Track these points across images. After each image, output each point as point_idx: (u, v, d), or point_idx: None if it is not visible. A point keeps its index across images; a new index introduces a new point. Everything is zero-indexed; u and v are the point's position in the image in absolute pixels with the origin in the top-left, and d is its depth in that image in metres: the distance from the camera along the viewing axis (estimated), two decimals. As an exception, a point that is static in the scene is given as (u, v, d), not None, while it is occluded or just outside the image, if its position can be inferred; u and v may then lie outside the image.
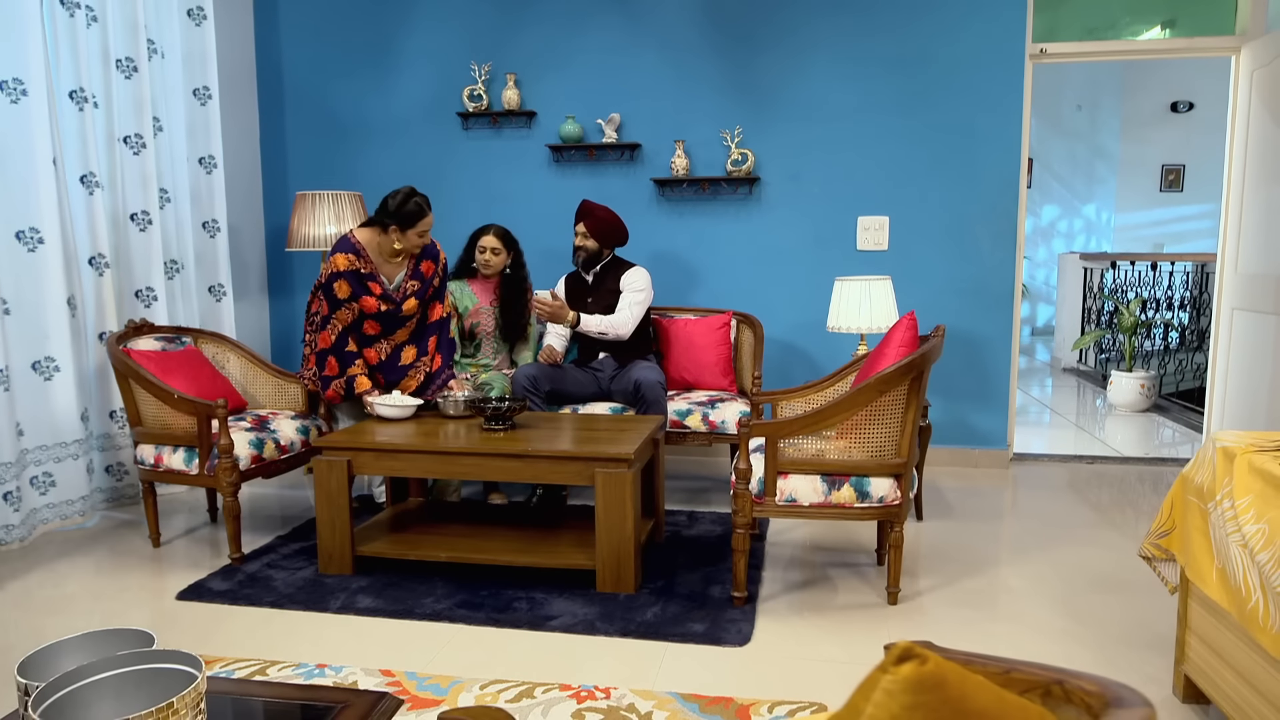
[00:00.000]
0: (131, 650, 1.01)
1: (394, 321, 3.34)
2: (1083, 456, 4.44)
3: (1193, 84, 10.13)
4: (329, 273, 3.20)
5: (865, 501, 2.54)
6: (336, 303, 3.23)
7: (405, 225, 3.15)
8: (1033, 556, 3.07)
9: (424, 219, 3.17)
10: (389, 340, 3.37)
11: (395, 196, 3.14)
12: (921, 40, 4.08)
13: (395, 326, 3.36)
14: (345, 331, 3.27)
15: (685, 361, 3.85)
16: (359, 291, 3.22)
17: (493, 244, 3.73)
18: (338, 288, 3.20)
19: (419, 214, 3.15)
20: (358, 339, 3.32)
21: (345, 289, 3.21)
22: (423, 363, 3.41)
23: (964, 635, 2.44)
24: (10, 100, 3.19)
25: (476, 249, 3.75)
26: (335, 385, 3.29)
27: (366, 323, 3.29)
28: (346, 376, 3.27)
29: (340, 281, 3.20)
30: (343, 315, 3.25)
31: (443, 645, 2.39)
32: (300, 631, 2.49)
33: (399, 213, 3.13)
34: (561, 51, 4.37)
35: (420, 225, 3.17)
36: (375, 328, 3.32)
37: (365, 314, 3.26)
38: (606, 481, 2.65)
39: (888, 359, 2.64)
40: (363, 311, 3.25)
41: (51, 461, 3.36)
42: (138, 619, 2.58)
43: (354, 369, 3.27)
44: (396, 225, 3.15)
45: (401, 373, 3.38)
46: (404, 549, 2.87)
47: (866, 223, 4.21)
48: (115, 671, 0.91)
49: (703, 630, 2.45)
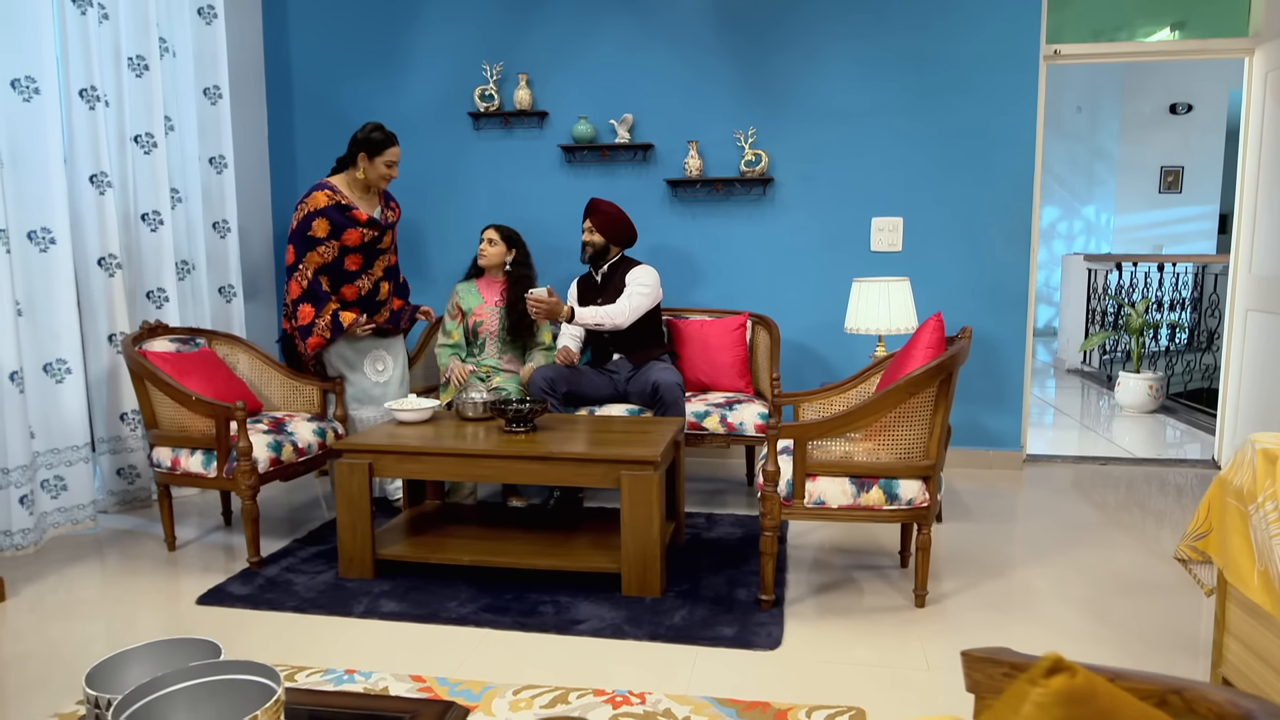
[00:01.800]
0: (202, 660, 0.98)
1: (374, 253, 3.47)
2: (1095, 458, 4.44)
3: (1191, 86, 10.17)
4: (306, 212, 3.31)
5: (894, 504, 2.53)
6: (310, 244, 3.33)
7: (372, 152, 3.30)
8: (1054, 558, 3.06)
9: (390, 147, 3.33)
10: (368, 275, 3.48)
11: (363, 128, 3.33)
12: (936, 41, 4.07)
13: (374, 259, 3.49)
14: (317, 274, 3.37)
15: (700, 363, 3.83)
16: (341, 224, 3.34)
17: (491, 235, 3.76)
18: (316, 226, 3.32)
19: (385, 142, 3.31)
20: (334, 279, 3.41)
21: (324, 227, 3.33)
22: (392, 300, 3.63)
23: (994, 638, 2.43)
24: (23, 99, 3.15)
25: (481, 240, 3.83)
26: (318, 328, 3.36)
27: (348, 258, 3.40)
28: (331, 313, 3.36)
29: (320, 220, 3.31)
30: (313, 258, 3.35)
31: (470, 650, 2.37)
32: (325, 636, 2.46)
33: (366, 140, 3.30)
34: (573, 51, 4.34)
35: (386, 154, 3.32)
36: (357, 261, 3.43)
37: (347, 249, 3.38)
38: (632, 484, 2.63)
39: (915, 360, 2.62)
40: (344, 247, 3.37)
41: (63, 465, 3.32)
42: (158, 624, 2.55)
43: (333, 304, 3.38)
44: (365, 153, 3.31)
45: (378, 307, 3.55)
46: (426, 552, 2.84)
47: (881, 224, 4.20)
48: (192, 682, 0.89)
49: (732, 634, 2.43)
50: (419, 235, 4.58)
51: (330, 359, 3.48)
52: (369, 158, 3.32)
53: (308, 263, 3.36)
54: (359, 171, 3.35)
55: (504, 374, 3.75)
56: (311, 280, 3.37)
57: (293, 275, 3.38)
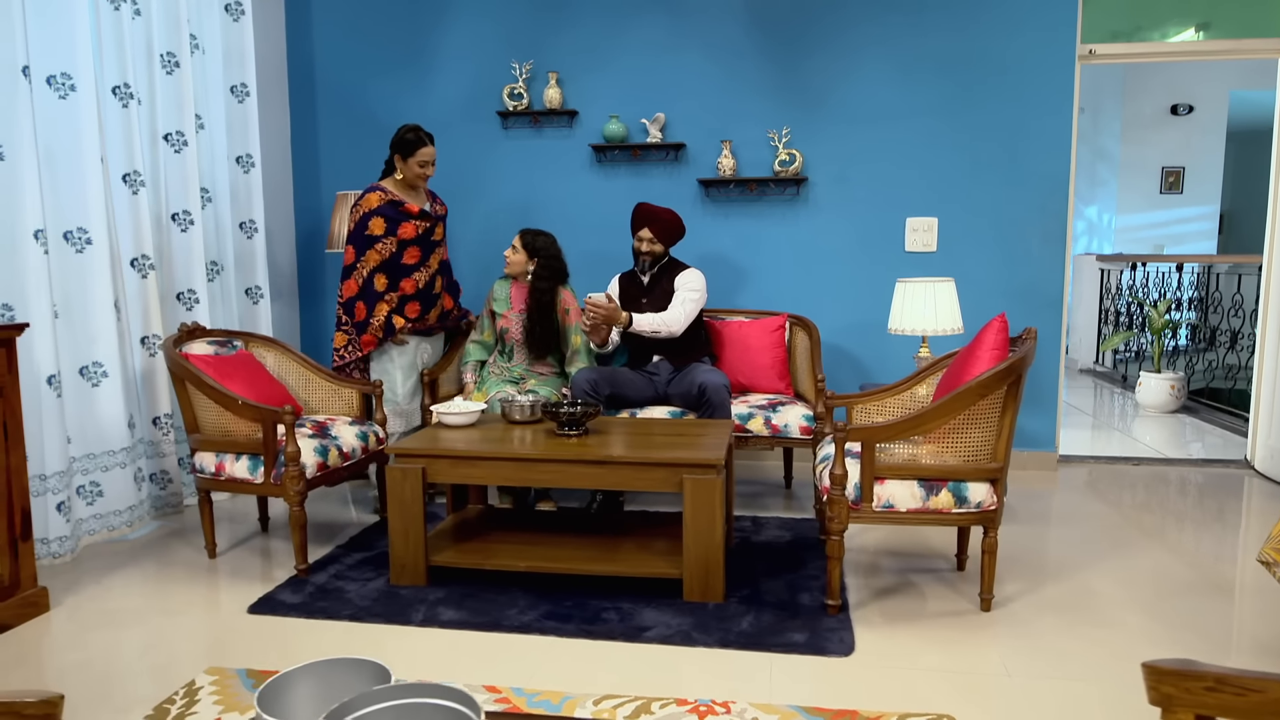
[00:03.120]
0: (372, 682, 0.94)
1: (429, 245, 3.55)
2: (1128, 458, 4.44)
3: (1192, 87, 10.23)
4: (362, 214, 3.44)
5: (963, 507, 2.50)
6: (369, 242, 3.44)
7: (406, 153, 3.41)
8: (1108, 560, 3.04)
9: (422, 148, 3.41)
10: (426, 268, 3.55)
11: (399, 131, 3.43)
12: (972, 42, 4.06)
13: (429, 251, 3.56)
14: (375, 272, 3.45)
15: (740, 364, 3.79)
16: (395, 219, 3.45)
17: (514, 242, 3.68)
18: (372, 226, 3.43)
19: (416, 143, 3.40)
20: (394, 274, 3.48)
21: (380, 225, 3.45)
22: (444, 296, 3.70)
23: (1067, 643, 2.40)
24: (59, 95, 3.08)
25: None
26: (372, 326, 3.45)
27: (406, 252, 3.49)
28: (385, 314, 3.45)
29: (375, 219, 3.44)
30: (372, 257, 3.45)
31: (539, 658, 2.32)
32: (386, 645, 2.41)
33: (400, 141, 3.42)
34: (604, 51, 4.30)
35: (419, 154, 3.41)
36: (415, 255, 3.52)
37: (405, 243, 3.47)
38: (695, 488, 2.59)
39: (981, 362, 2.60)
40: (401, 242, 3.46)
41: (99, 470, 3.25)
42: (212, 634, 2.49)
43: (385, 305, 3.46)
44: (400, 154, 3.43)
45: (434, 300, 3.62)
46: (480, 559, 2.79)
47: (915, 224, 4.18)
48: (380, 706, 0.84)
49: (803, 640, 2.39)
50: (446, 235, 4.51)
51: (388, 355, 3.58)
52: (403, 158, 3.46)
53: (366, 261, 3.47)
54: (398, 173, 3.47)
55: (538, 376, 3.70)
56: (366, 279, 3.48)
57: (350, 274, 3.49)
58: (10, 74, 2.82)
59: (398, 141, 3.42)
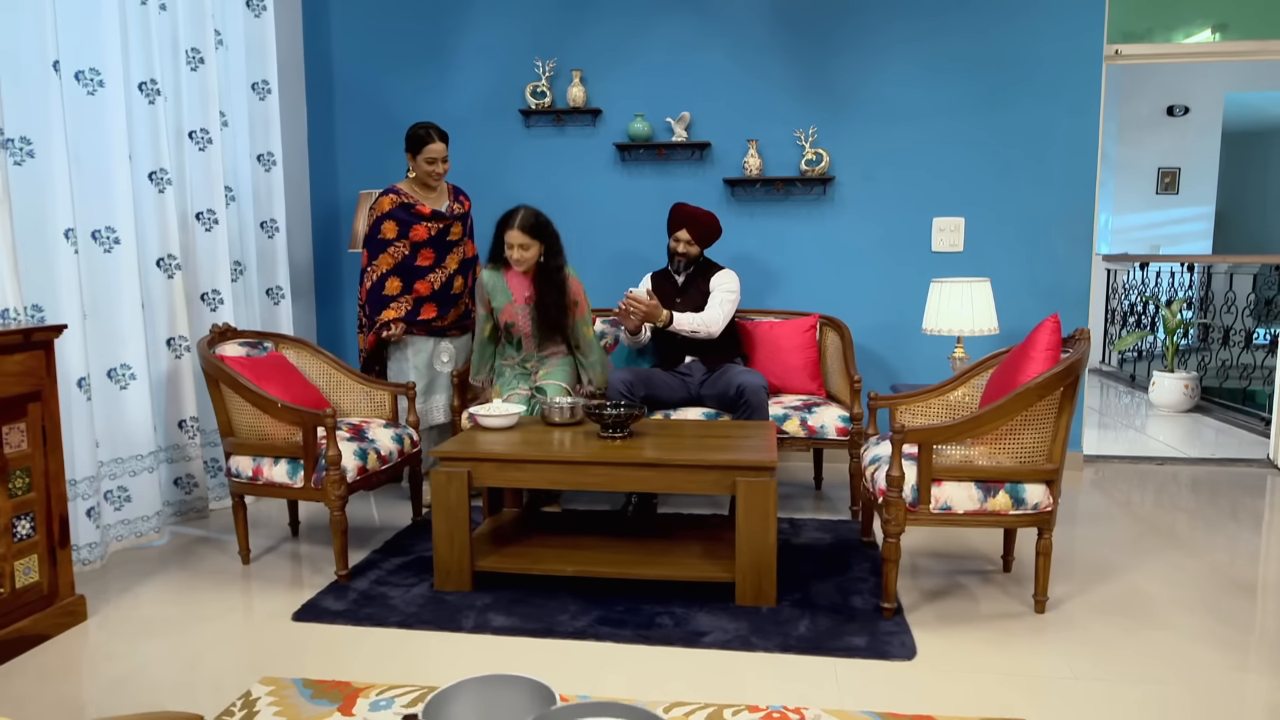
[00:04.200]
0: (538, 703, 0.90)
1: (444, 246, 3.52)
2: (1152, 458, 4.45)
3: (1187, 88, 10.31)
4: (375, 218, 3.45)
5: (1020, 508, 2.48)
6: (381, 246, 3.45)
7: (414, 150, 3.39)
8: (1152, 559, 3.04)
9: (429, 144, 3.37)
10: (442, 269, 3.52)
11: (410, 128, 3.43)
12: (999, 43, 4.05)
13: (445, 252, 3.53)
14: (387, 275, 3.45)
15: (772, 365, 3.76)
16: (407, 222, 3.44)
17: (519, 239, 3.27)
18: (385, 229, 3.44)
19: (424, 139, 3.37)
20: (408, 276, 3.47)
21: (393, 229, 3.45)
22: (466, 295, 3.65)
23: (1128, 644, 2.39)
24: (87, 92, 3.01)
25: (505, 244, 3.34)
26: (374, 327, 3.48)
27: (420, 254, 3.47)
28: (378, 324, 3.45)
29: (388, 222, 3.44)
30: (385, 260, 3.46)
31: (598, 665, 2.28)
32: (440, 653, 2.36)
33: (410, 138, 3.41)
34: (628, 49, 4.26)
35: (426, 151, 3.38)
36: (429, 256, 3.49)
37: (418, 245, 3.45)
38: (749, 491, 2.56)
39: (1035, 362, 2.58)
40: (415, 244, 3.45)
41: (126, 475, 3.18)
42: (257, 641, 2.43)
43: (388, 313, 3.45)
44: (410, 152, 3.42)
45: (454, 300, 3.58)
46: (527, 564, 2.75)
47: (942, 224, 4.17)
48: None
49: (864, 644, 2.37)
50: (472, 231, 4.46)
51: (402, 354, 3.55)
52: (413, 156, 3.45)
53: (378, 265, 3.47)
54: (410, 171, 3.47)
55: (548, 361, 3.54)
56: (376, 282, 3.48)
57: (363, 277, 3.49)
58: (42, 69, 2.75)
59: (409, 138, 3.42)
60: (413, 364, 3.57)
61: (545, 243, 3.35)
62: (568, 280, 3.41)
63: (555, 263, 3.38)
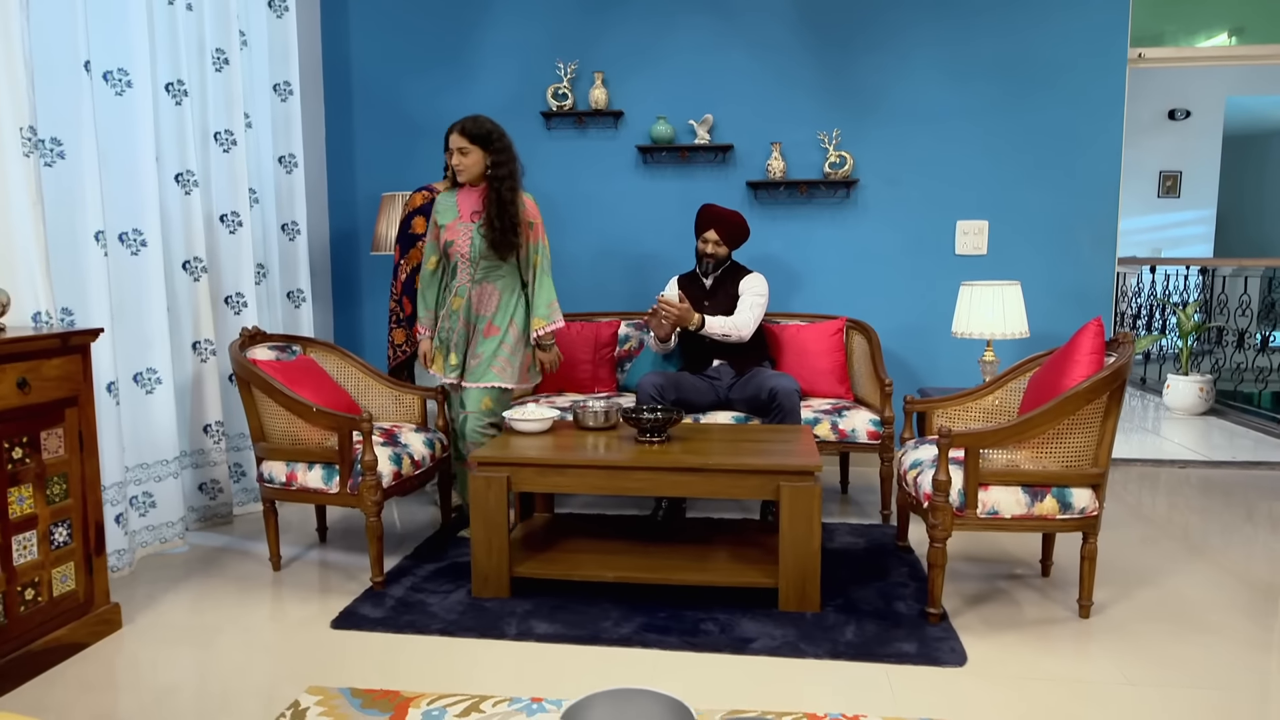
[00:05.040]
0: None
1: None
2: (1174, 460, 4.45)
3: (1189, 92, 10.36)
4: (406, 212, 3.48)
5: (1067, 513, 2.47)
6: (410, 241, 3.46)
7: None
8: (1188, 563, 3.03)
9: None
10: None
11: None
12: (1023, 46, 4.05)
13: None
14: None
15: (799, 369, 3.75)
16: None
17: (458, 143, 3.01)
18: (414, 224, 3.46)
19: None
20: None
21: (422, 224, 3.46)
22: None
23: (1179, 650, 2.38)
24: (115, 92, 2.97)
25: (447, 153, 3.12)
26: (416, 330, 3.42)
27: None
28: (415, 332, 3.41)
29: (417, 218, 3.46)
30: (414, 255, 3.47)
31: (648, 672, 2.25)
32: (485, 661, 2.33)
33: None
34: (651, 51, 4.24)
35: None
36: None
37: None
38: (793, 496, 2.54)
39: (1080, 366, 2.57)
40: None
41: (152, 480, 3.14)
42: (297, 649, 2.39)
43: None
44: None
45: None
46: (566, 569, 2.72)
47: (965, 227, 4.16)
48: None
49: (914, 650, 2.35)
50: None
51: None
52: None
53: (410, 259, 3.47)
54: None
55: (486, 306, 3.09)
56: (409, 276, 3.47)
57: (396, 273, 3.49)
58: (73, 69, 2.71)
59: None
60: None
61: (490, 151, 3.01)
62: (518, 196, 3.02)
63: (500, 173, 3.00)
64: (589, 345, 3.96)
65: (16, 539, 2.21)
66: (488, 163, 3.03)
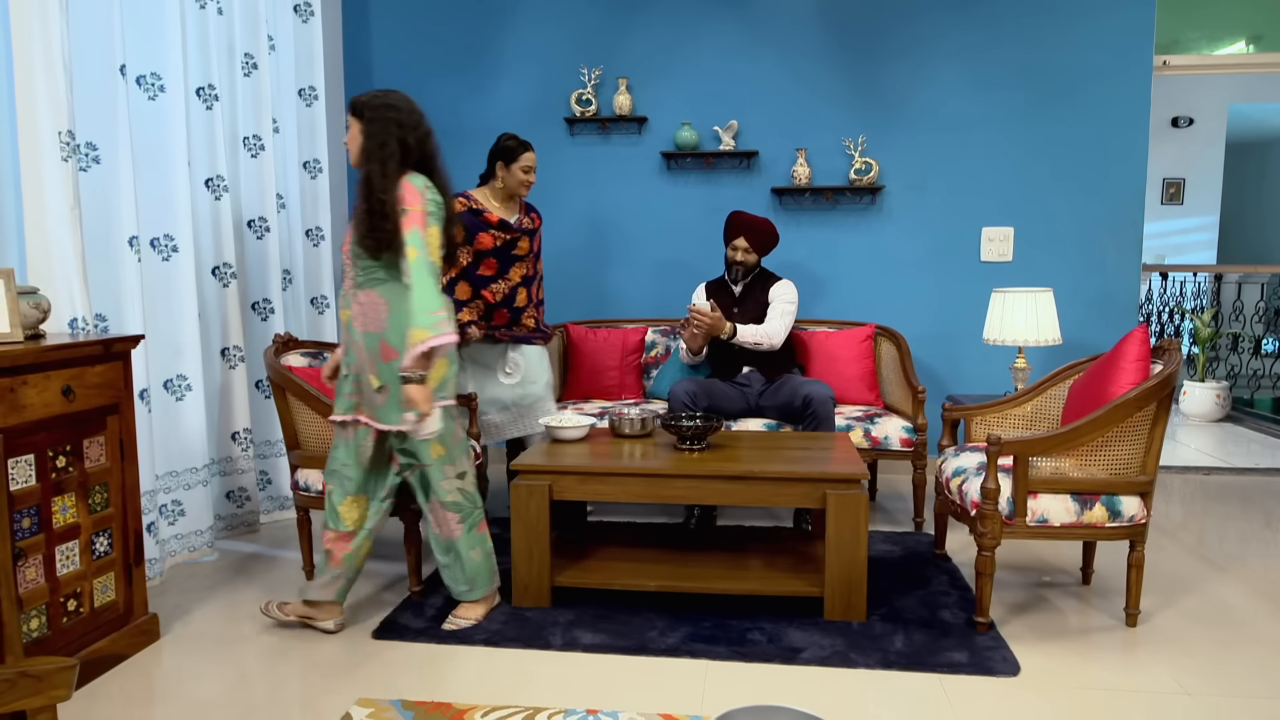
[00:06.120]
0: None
1: (508, 259, 3.37)
2: (1198, 467, 4.45)
3: (1191, 100, 10.39)
4: None
5: (1116, 520, 2.46)
6: None
7: (508, 160, 3.24)
8: (1229, 570, 3.02)
9: (525, 154, 3.25)
10: (505, 280, 3.38)
11: (498, 140, 3.29)
12: (1048, 53, 4.05)
13: (509, 264, 3.38)
14: (453, 281, 3.32)
15: (828, 375, 3.73)
16: (474, 228, 3.30)
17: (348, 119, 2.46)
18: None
19: (519, 149, 3.24)
20: (474, 284, 3.34)
21: (459, 233, 3.27)
22: (531, 308, 3.48)
23: (1232, 658, 2.36)
24: (148, 97, 2.95)
25: None
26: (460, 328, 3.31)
27: (484, 263, 3.33)
28: (459, 322, 3.28)
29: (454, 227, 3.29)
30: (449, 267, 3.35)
31: (699, 683, 2.23)
32: (533, 672, 2.30)
33: (502, 148, 3.26)
34: (675, 57, 4.23)
35: (521, 160, 3.25)
36: (492, 266, 3.35)
37: (482, 253, 3.32)
38: (839, 503, 2.52)
39: (1126, 373, 2.56)
40: (479, 252, 3.31)
41: (181, 489, 3.10)
42: (341, 660, 2.36)
43: (463, 315, 3.31)
44: (501, 160, 3.26)
45: (518, 313, 3.43)
46: (606, 578, 2.69)
47: (991, 233, 4.16)
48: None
49: (966, 660, 2.33)
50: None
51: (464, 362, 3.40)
52: (505, 165, 3.29)
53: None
54: (499, 181, 3.32)
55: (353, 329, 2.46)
56: (445, 286, 3.30)
57: None
58: (109, 73, 2.68)
59: (499, 149, 3.27)
60: (471, 374, 3.47)
61: (364, 121, 2.40)
62: (391, 176, 2.35)
63: (370, 145, 2.37)
64: (615, 352, 3.93)
65: (59, 549, 2.17)
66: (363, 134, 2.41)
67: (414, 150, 2.42)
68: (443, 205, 2.46)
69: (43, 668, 1.04)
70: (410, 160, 2.42)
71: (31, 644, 2.08)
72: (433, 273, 2.33)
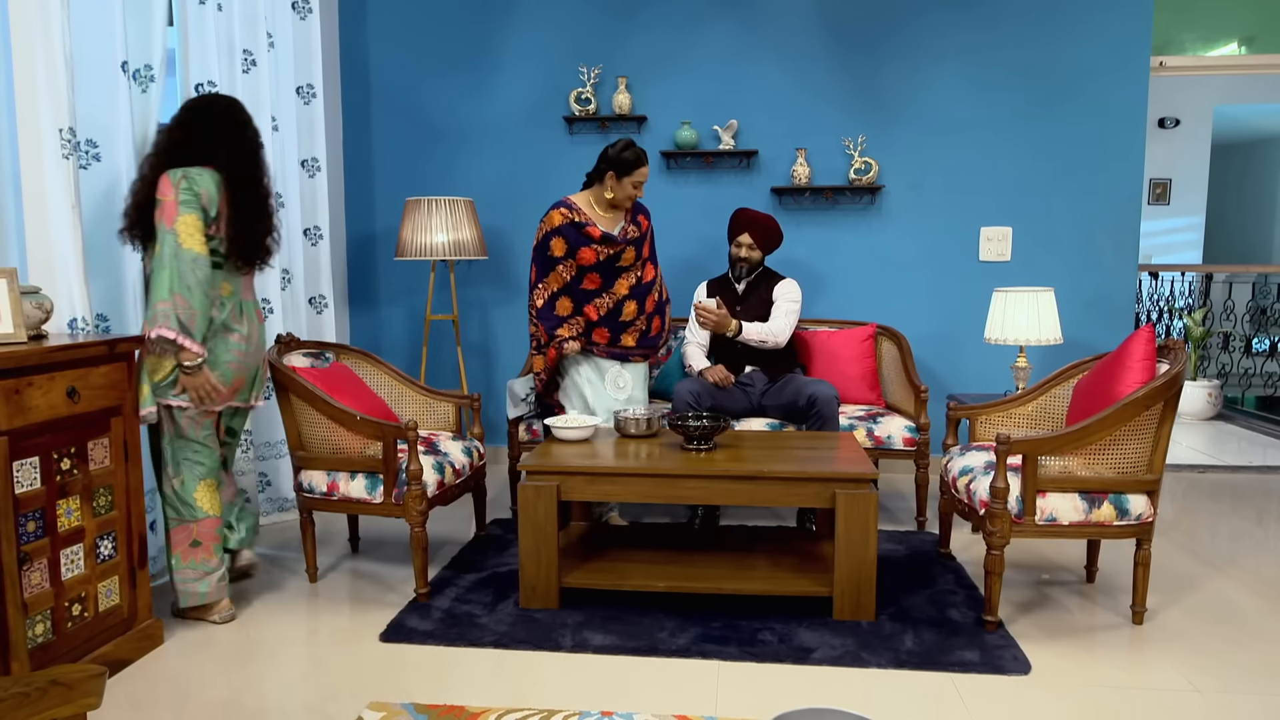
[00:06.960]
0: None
1: (613, 272, 3.25)
2: (1192, 465, 4.48)
3: (1176, 101, 10.48)
4: (545, 232, 3.21)
5: (1124, 519, 2.47)
6: (551, 263, 3.21)
7: (621, 172, 3.13)
8: (1231, 568, 3.04)
9: (640, 167, 3.15)
10: (610, 294, 3.26)
11: (614, 145, 3.15)
12: (1046, 54, 4.07)
13: (614, 277, 3.26)
14: (555, 295, 3.23)
15: (829, 375, 3.73)
16: (576, 243, 3.18)
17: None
18: (554, 246, 3.20)
19: (636, 162, 3.14)
20: (576, 298, 3.24)
21: (561, 246, 3.20)
22: (641, 320, 3.33)
23: (1241, 656, 2.38)
24: (141, 90, 2.90)
25: None
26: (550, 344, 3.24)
27: (587, 277, 3.23)
28: (556, 340, 3.20)
29: (557, 239, 3.19)
30: (552, 280, 3.22)
31: (712, 684, 2.22)
32: (545, 674, 2.28)
33: (617, 159, 3.13)
34: (675, 57, 4.22)
35: (635, 174, 3.14)
36: (595, 281, 3.25)
37: (584, 268, 3.21)
38: (849, 503, 2.52)
39: (1132, 373, 2.57)
40: (581, 267, 3.21)
41: (182, 490, 3.06)
42: (348, 663, 2.34)
43: (563, 331, 3.22)
44: (614, 171, 3.14)
45: (623, 327, 3.30)
46: (615, 579, 2.68)
47: (989, 233, 4.17)
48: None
49: (977, 659, 2.33)
50: (507, 243, 4.40)
51: (573, 375, 3.31)
52: (618, 177, 3.15)
53: (548, 284, 3.25)
54: (607, 190, 3.18)
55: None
56: (547, 302, 3.25)
57: (533, 290, 3.27)
58: (110, 70, 2.65)
59: (614, 159, 3.11)
60: (577, 384, 3.32)
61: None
62: (159, 170, 2.43)
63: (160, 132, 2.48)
64: (616, 352, 3.91)
65: (64, 552, 2.14)
66: None
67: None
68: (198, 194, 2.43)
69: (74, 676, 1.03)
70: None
71: (36, 649, 2.05)
72: (169, 264, 2.34)
